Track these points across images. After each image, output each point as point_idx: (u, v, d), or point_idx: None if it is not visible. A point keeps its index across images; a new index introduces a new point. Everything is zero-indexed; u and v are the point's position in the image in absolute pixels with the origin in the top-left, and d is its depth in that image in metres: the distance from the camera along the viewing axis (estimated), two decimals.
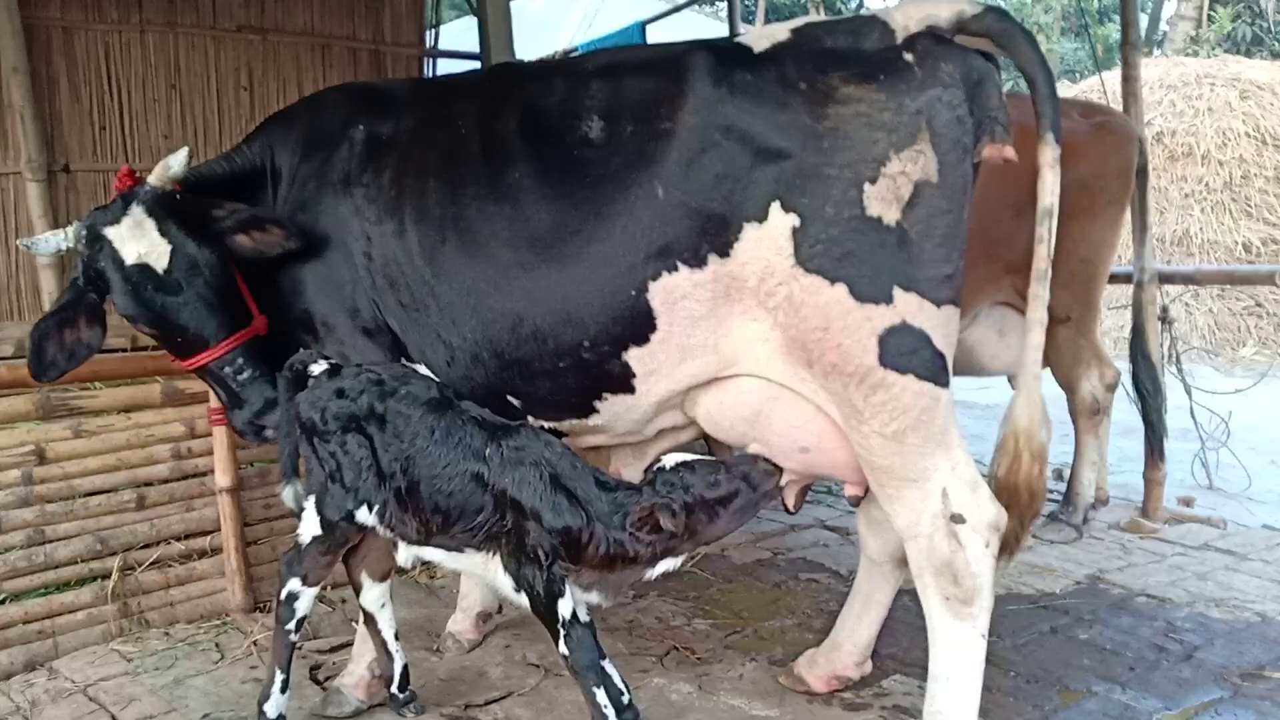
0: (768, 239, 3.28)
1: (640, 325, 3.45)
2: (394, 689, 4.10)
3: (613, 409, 3.68)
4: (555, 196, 3.49)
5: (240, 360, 3.79)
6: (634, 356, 3.51)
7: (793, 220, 3.24)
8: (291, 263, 3.88)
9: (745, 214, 3.29)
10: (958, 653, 3.44)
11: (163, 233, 3.68)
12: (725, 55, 3.42)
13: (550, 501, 3.43)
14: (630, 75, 3.55)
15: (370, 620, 4.06)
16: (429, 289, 3.68)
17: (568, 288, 3.48)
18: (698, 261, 3.36)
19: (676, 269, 3.37)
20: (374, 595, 4.03)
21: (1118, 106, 6.79)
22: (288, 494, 3.79)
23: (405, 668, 4.12)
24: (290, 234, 3.77)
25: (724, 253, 3.34)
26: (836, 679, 4.23)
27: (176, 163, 3.76)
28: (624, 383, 3.58)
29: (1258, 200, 14.73)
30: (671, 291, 3.39)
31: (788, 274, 3.27)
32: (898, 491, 3.43)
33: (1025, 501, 3.47)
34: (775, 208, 3.26)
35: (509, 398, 3.76)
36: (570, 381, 3.62)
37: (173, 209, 3.74)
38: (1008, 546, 3.49)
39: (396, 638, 4.10)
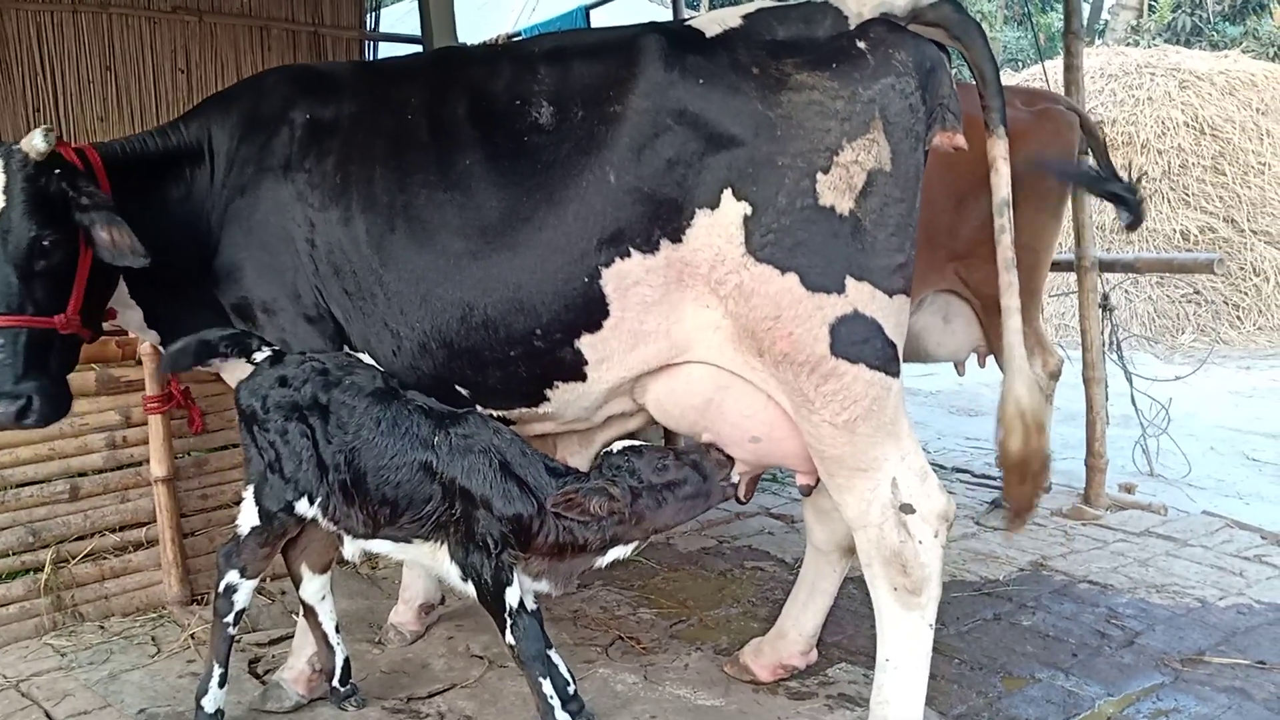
0: (719, 226, 3.27)
1: (593, 312, 3.43)
2: (335, 682, 4.04)
3: (563, 397, 3.66)
4: (506, 184, 3.45)
5: (2, 341, 3.52)
6: (586, 344, 3.48)
7: (744, 208, 3.23)
8: (229, 251, 3.79)
9: (697, 200, 3.28)
10: (905, 642, 3.46)
11: (6, 189, 3.48)
12: (677, 39, 3.40)
13: (500, 489, 3.42)
14: (581, 59, 3.51)
15: (310, 613, 4.00)
16: (376, 277, 3.62)
17: (520, 276, 3.44)
18: (650, 247, 3.34)
19: (629, 254, 3.35)
20: (314, 588, 3.97)
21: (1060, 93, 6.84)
22: None
23: (346, 660, 4.06)
24: (137, 252, 3.53)
25: (676, 238, 3.32)
26: (782, 668, 4.23)
27: (39, 138, 3.48)
28: (576, 370, 3.55)
29: (1195, 189, 14.96)
30: (624, 277, 3.37)
31: (738, 262, 3.26)
32: (848, 481, 3.43)
33: (1037, 470, 3.50)
34: (727, 195, 3.25)
35: (458, 387, 3.71)
36: (521, 370, 3.59)
37: (33, 176, 3.51)
38: (1021, 514, 3.60)
39: (337, 630, 4.04)
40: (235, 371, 3.99)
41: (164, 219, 3.84)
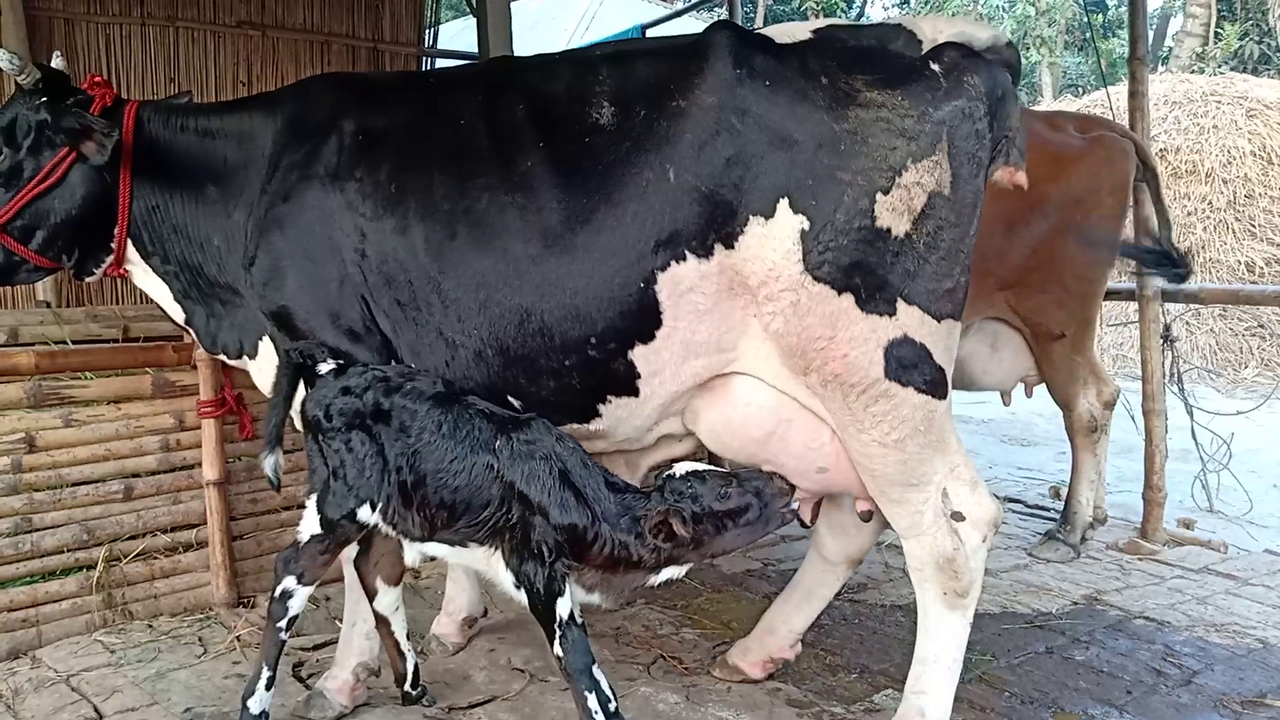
0: (773, 237, 3.25)
1: (647, 320, 3.41)
2: (407, 686, 4.12)
3: (616, 413, 3.64)
4: (566, 184, 3.42)
5: None
6: (639, 355, 3.47)
7: (801, 222, 3.21)
8: (269, 257, 3.78)
9: (753, 206, 3.26)
10: (949, 640, 3.57)
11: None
12: (747, 38, 3.38)
13: (558, 497, 3.39)
14: (645, 58, 3.52)
15: (384, 623, 4.04)
16: (434, 285, 3.59)
17: (577, 280, 3.42)
18: (705, 251, 3.32)
19: (685, 259, 3.33)
20: (389, 600, 4.01)
21: (1123, 122, 6.74)
22: (268, 463, 3.69)
23: (416, 666, 4.14)
24: (105, 132, 3.72)
25: (730, 244, 3.30)
26: (772, 662, 4.32)
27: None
28: (629, 384, 3.54)
29: (1262, 220, 14.70)
30: (679, 283, 3.35)
31: (796, 280, 3.25)
32: (901, 495, 3.48)
33: None
34: (783, 205, 3.23)
35: (510, 398, 3.69)
36: (575, 381, 3.56)
37: (36, 104, 3.78)
38: None
39: (408, 638, 4.10)
40: (256, 369, 4.08)
41: (187, 190, 3.96)
